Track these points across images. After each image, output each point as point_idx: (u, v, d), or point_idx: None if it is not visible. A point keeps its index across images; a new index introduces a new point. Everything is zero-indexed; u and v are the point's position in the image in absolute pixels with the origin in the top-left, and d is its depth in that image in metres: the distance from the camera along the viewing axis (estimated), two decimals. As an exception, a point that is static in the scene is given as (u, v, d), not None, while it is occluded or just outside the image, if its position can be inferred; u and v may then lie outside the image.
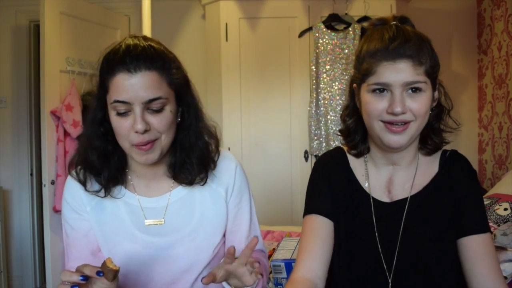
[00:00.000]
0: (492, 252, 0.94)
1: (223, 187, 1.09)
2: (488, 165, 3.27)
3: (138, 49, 0.93)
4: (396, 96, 0.89)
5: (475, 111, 3.42)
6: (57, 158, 2.75)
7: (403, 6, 3.04)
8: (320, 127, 2.92)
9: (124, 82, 0.90)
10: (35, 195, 3.49)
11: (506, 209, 2.10)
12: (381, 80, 0.90)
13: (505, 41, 2.99)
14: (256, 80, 3.00)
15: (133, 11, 3.41)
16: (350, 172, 1.06)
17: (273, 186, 2.98)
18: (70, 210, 1.06)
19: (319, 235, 1.01)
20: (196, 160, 1.03)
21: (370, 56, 0.92)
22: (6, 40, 3.45)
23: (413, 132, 0.92)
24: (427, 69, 0.90)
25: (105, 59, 0.95)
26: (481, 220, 0.97)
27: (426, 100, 0.91)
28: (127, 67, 0.90)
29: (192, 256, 1.04)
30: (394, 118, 0.90)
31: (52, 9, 2.74)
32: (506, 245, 1.74)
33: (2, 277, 3.09)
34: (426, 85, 0.91)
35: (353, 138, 1.04)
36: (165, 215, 1.05)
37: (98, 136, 1.00)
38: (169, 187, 1.07)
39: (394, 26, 0.93)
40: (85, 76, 2.98)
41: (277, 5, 2.98)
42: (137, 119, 0.91)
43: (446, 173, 1.00)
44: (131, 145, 0.95)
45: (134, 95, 0.91)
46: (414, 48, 0.89)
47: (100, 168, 1.01)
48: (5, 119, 3.46)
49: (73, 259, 1.05)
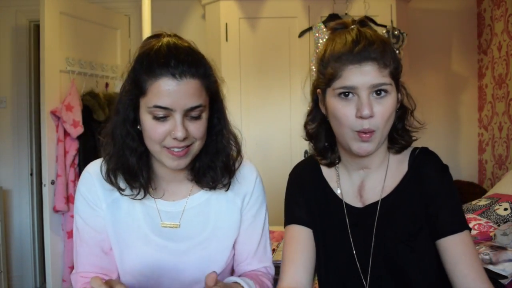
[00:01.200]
0: (471, 250, 0.92)
1: (240, 197, 1.07)
2: (488, 165, 3.27)
3: (182, 52, 0.90)
4: (364, 99, 0.88)
5: (475, 111, 3.42)
6: (57, 158, 2.75)
7: (403, 6, 3.04)
8: (320, 127, 2.92)
9: (168, 87, 0.87)
10: (35, 195, 3.49)
11: (506, 209, 2.10)
12: (348, 83, 0.89)
13: (505, 41, 2.99)
14: (256, 80, 3.00)
15: (133, 11, 3.41)
16: (322, 180, 1.06)
17: (273, 186, 2.97)
18: (85, 204, 1.02)
19: (300, 244, 1.03)
20: (221, 165, 1.02)
21: (335, 60, 0.91)
22: (6, 40, 3.46)
23: (378, 139, 0.91)
24: (391, 71, 0.90)
25: (145, 58, 0.90)
26: (457, 218, 0.94)
27: (391, 103, 0.91)
28: (172, 72, 0.87)
29: (203, 266, 1.01)
30: (363, 126, 0.89)
31: (52, 9, 2.74)
32: (506, 245, 1.74)
33: (2, 277, 3.09)
34: (392, 87, 0.91)
35: (317, 144, 1.05)
36: (181, 220, 1.03)
37: (134, 138, 0.96)
38: (188, 192, 1.05)
39: (356, 29, 0.93)
40: (85, 76, 2.98)
41: (277, 5, 2.98)
42: (178, 126, 0.89)
43: (416, 171, 0.98)
44: (162, 147, 0.92)
45: (177, 102, 0.88)
46: (378, 50, 0.88)
47: (139, 170, 0.98)
48: (5, 119, 3.46)
49: (83, 254, 1.02)
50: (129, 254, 1.00)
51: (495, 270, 1.56)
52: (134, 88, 0.92)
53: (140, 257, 1.00)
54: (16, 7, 3.43)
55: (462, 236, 0.92)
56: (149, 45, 0.93)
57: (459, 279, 0.91)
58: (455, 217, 0.94)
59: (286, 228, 1.08)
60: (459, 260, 0.91)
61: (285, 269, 1.01)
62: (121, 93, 0.97)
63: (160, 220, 1.02)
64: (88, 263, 1.02)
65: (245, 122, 2.98)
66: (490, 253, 1.63)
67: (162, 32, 0.98)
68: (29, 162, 3.50)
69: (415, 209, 0.96)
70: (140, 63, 0.91)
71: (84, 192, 1.02)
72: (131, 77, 0.93)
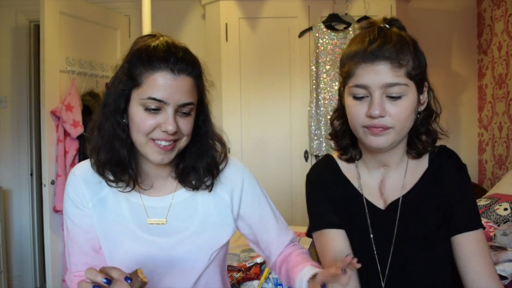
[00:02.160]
0: (484, 248, 0.94)
1: (228, 193, 1.09)
2: (488, 165, 3.27)
3: (180, 51, 0.94)
4: (375, 99, 0.88)
5: (475, 111, 3.42)
6: (57, 158, 2.75)
7: (403, 6, 3.04)
8: (320, 127, 2.93)
9: (166, 81, 0.91)
10: (35, 195, 3.49)
11: (506, 209, 2.10)
12: (360, 82, 0.89)
13: (505, 41, 2.99)
14: (256, 80, 3.00)
15: (133, 11, 3.41)
16: (343, 177, 1.05)
17: (273, 186, 2.98)
18: (72, 205, 1.04)
19: (342, 250, 0.99)
20: (204, 166, 1.04)
21: (350, 58, 0.92)
22: (6, 40, 3.45)
23: (392, 137, 0.91)
24: (408, 71, 0.89)
25: (143, 51, 0.93)
26: (473, 216, 0.96)
27: (407, 105, 0.90)
28: (171, 67, 0.91)
29: (192, 258, 1.04)
30: (373, 122, 0.89)
31: (52, 9, 2.74)
32: (506, 245, 1.74)
33: (2, 277, 3.08)
34: (408, 87, 0.89)
35: (341, 141, 1.04)
36: (167, 216, 1.05)
37: (124, 129, 0.97)
38: (173, 188, 1.07)
39: (377, 28, 0.93)
40: (85, 76, 2.98)
41: (277, 5, 2.98)
42: (170, 120, 0.92)
43: (436, 168, 0.99)
44: (148, 140, 0.94)
45: (172, 96, 0.91)
46: (393, 50, 0.88)
47: (129, 161, 0.99)
48: (5, 119, 3.46)
49: (75, 254, 1.04)
50: (118, 251, 1.02)
51: (495, 270, 1.56)
52: (128, 79, 0.94)
53: (129, 254, 1.02)
54: (16, 7, 3.43)
55: (476, 234, 0.94)
56: (144, 42, 0.96)
57: (471, 276, 0.92)
58: (471, 215, 0.96)
59: (319, 233, 1.03)
60: (472, 257, 0.92)
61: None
62: (111, 86, 0.98)
63: (147, 216, 1.04)
64: (80, 263, 1.03)
65: (245, 122, 2.98)
66: (490, 253, 1.63)
67: (157, 33, 1.01)
68: (29, 162, 3.50)
69: (435, 206, 0.97)
70: (137, 56, 0.93)
71: (70, 193, 1.04)
72: (125, 69, 0.95)
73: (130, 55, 0.96)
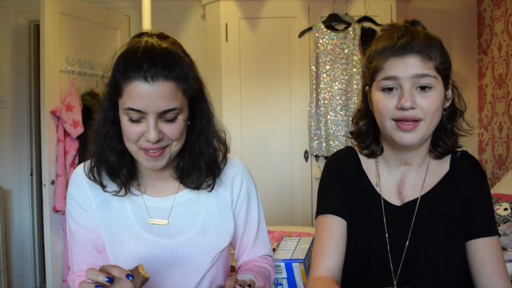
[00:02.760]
0: (499, 255, 0.95)
1: (230, 193, 1.09)
2: (488, 165, 3.27)
3: (157, 55, 0.89)
4: (405, 91, 0.88)
5: (475, 111, 3.42)
6: (57, 158, 2.75)
7: (403, 6, 3.04)
8: (320, 127, 2.92)
9: (140, 90, 0.87)
10: (35, 195, 3.49)
11: (506, 209, 2.10)
12: (390, 73, 0.90)
13: (505, 41, 2.99)
14: (256, 80, 3.00)
15: (133, 11, 3.41)
16: (362, 172, 1.05)
17: (273, 186, 2.98)
18: (75, 205, 1.04)
19: (335, 238, 1.01)
20: (205, 166, 1.03)
21: (379, 54, 0.92)
22: (6, 40, 3.45)
23: (423, 131, 0.91)
24: (437, 65, 0.90)
25: (121, 60, 0.91)
26: (490, 223, 0.97)
27: (436, 97, 0.90)
28: (144, 75, 0.87)
29: (195, 259, 1.03)
30: (404, 114, 0.89)
31: (52, 9, 2.74)
32: (506, 245, 1.74)
33: (2, 277, 3.08)
34: (437, 80, 0.90)
35: (364, 140, 1.04)
36: (170, 217, 1.05)
37: (113, 137, 0.98)
38: (175, 189, 1.07)
39: (403, 26, 0.94)
40: (85, 76, 2.98)
41: (277, 5, 2.98)
42: (151, 129, 0.90)
43: (456, 173, 1.00)
44: (138, 148, 0.94)
45: (149, 105, 0.88)
46: (422, 44, 0.89)
47: (119, 167, 0.99)
48: (5, 119, 3.46)
49: (78, 254, 1.04)
50: (122, 252, 1.02)
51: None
52: (112, 89, 0.93)
53: (133, 254, 1.01)
54: (16, 7, 3.42)
55: (492, 241, 0.95)
56: (130, 45, 0.94)
57: (484, 281, 0.93)
58: (488, 222, 0.97)
59: (321, 218, 1.05)
60: (486, 262, 0.93)
61: (320, 260, 1.00)
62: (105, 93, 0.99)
63: (149, 217, 1.04)
64: (83, 262, 1.03)
65: (245, 122, 2.98)
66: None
67: (147, 31, 0.98)
68: (29, 162, 3.50)
69: (453, 208, 0.97)
70: (117, 65, 0.92)
71: (74, 194, 1.04)
72: (110, 78, 0.94)
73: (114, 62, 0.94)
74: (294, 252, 1.79)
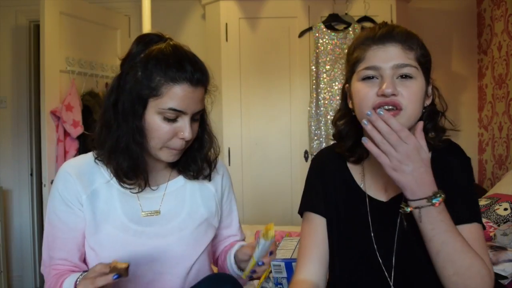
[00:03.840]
0: (478, 243, 0.90)
1: (214, 186, 1.17)
2: (488, 165, 3.27)
3: (197, 61, 1.00)
4: (386, 78, 0.87)
5: (475, 111, 3.42)
6: (57, 158, 2.75)
7: (403, 6, 3.04)
8: (320, 127, 2.92)
9: (186, 94, 0.96)
10: (35, 195, 3.49)
11: (506, 209, 2.10)
12: (371, 63, 0.89)
13: (505, 41, 2.99)
14: (256, 80, 3.00)
15: (133, 11, 3.41)
16: (347, 171, 1.05)
17: (273, 186, 2.98)
18: (61, 202, 1.05)
19: (317, 236, 1.03)
20: (203, 157, 1.12)
21: (360, 45, 0.92)
22: (6, 40, 3.45)
23: (405, 119, 0.88)
24: (418, 56, 0.90)
25: (160, 61, 0.96)
26: (469, 209, 0.94)
27: (417, 88, 0.89)
28: (190, 79, 0.96)
29: (182, 247, 1.07)
30: (385, 99, 0.87)
31: (52, 9, 2.74)
32: (506, 245, 1.74)
33: (2, 277, 3.09)
34: (417, 71, 0.89)
35: (345, 142, 1.03)
36: (161, 206, 1.08)
37: (141, 133, 1.00)
38: (167, 178, 1.12)
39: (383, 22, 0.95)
40: (85, 76, 2.98)
41: (277, 5, 2.98)
42: (187, 128, 0.98)
43: (439, 161, 0.97)
44: (164, 146, 1.00)
45: (190, 106, 0.97)
46: (403, 34, 0.90)
47: (142, 162, 1.02)
48: (5, 119, 3.46)
49: (57, 249, 1.06)
50: (109, 242, 1.03)
51: (495, 271, 1.56)
52: (145, 88, 0.96)
53: (120, 244, 1.03)
54: (16, 7, 3.42)
55: (471, 228, 0.92)
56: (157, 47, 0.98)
57: None
58: (468, 208, 0.94)
59: (304, 216, 1.08)
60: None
61: (302, 261, 1.02)
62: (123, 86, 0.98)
63: (141, 207, 1.07)
64: (60, 258, 1.05)
65: (245, 122, 2.98)
66: (490, 253, 1.63)
67: (160, 33, 1.03)
68: (29, 162, 3.50)
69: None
70: (154, 66, 0.95)
71: (61, 190, 1.05)
72: (141, 75, 0.96)
73: (145, 61, 0.96)
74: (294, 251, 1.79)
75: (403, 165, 0.82)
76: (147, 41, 1.01)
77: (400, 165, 0.82)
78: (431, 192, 0.84)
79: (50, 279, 1.04)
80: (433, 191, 0.84)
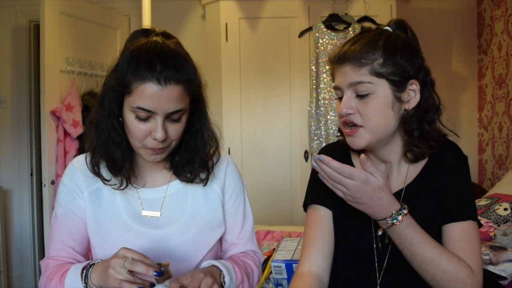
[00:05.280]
0: (471, 240, 0.92)
1: (219, 186, 1.12)
2: (488, 165, 3.27)
3: (169, 58, 0.92)
4: (344, 98, 0.94)
5: (475, 111, 3.42)
6: (57, 158, 2.75)
7: (403, 6, 3.04)
8: (320, 127, 2.92)
9: (152, 92, 0.91)
10: (35, 195, 3.49)
11: (506, 209, 2.10)
12: (336, 83, 0.97)
13: (505, 41, 2.99)
14: (256, 80, 3.00)
15: (133, 11, 3.41)
16: (351, 163, 1.06)
17: (273, 186, 2.98)
18: (66, 192, 1.07)
19: (323, 228, 1.04)
20: (199, 161, 1.06)
21: (330, 61, 0.99)
22: (6, 40, 3.45)
23: (367, 136, 0.94)
24: (373, 69, 0.91)
25: (133, 59, 0.92)
26: (464, 207, 0.94)
27: (376, 102, 0.92)
28: (157, 77, 0.90)
29: (184, 250, 1.06)
30: (344, 119, 0.95)
31: (52, 9, 2.74)
32: (506, 245, 1.73)
33: (2, 277, 3.09)
34: (374, 85, 0.91)
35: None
36: (162, 208, 1.07)
37: (118, 132, 0.99)
38: (167, 179, 1.10)
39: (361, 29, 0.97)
40: (85, 76, 2.98)
41: (277, 5, 2.98)
42: (159, 128, 0.93)
43: (436, 158, 0.99)
44: (143, 146, 0.97)
45: (160, 106, 0.92)
46: (357, 50, 0.92)
47: (123, 162, 1.02)
48: (5, 119, 3.46)
49: (58, 240, 1.06)
50: (110, 242, 1.03)
51: (495, 271, 1.56)
52: (120, 85, 0.94)
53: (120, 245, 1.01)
54: (16, 7, 3.42)
55: (465, 226, 0.93)
56: (137, 43, 0.95)
57: None
58: (463, 206, 0.95)
59: (309, 209, 1.08)
60: (458, 244, 0.92)
61: (306, 253, 1.02)
62: (106, 86, 0.99)
63: (142, 208, 1.06)
64: (62, 249, 1.05)
65: (245, 122, 2.98)
66: (489, 254, 1.63)
67: (151, 28, 1.00)
68: (29, 162, 3.50)
69: (435, 196, 0.97)
70: (127, 63, 0.93)
71: (66, 182, 1.07)
72: (117, 74, 0.95)
73: (121, 58, 0.96)
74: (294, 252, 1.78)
75: (356, 198, 0.89)
76: (133, 36, 1.00)
77: (354, 198, 0.89)
78: (390, 213, 0.90)
79: (49, 269, 1.03)
80: (392, 211, 0.90)
